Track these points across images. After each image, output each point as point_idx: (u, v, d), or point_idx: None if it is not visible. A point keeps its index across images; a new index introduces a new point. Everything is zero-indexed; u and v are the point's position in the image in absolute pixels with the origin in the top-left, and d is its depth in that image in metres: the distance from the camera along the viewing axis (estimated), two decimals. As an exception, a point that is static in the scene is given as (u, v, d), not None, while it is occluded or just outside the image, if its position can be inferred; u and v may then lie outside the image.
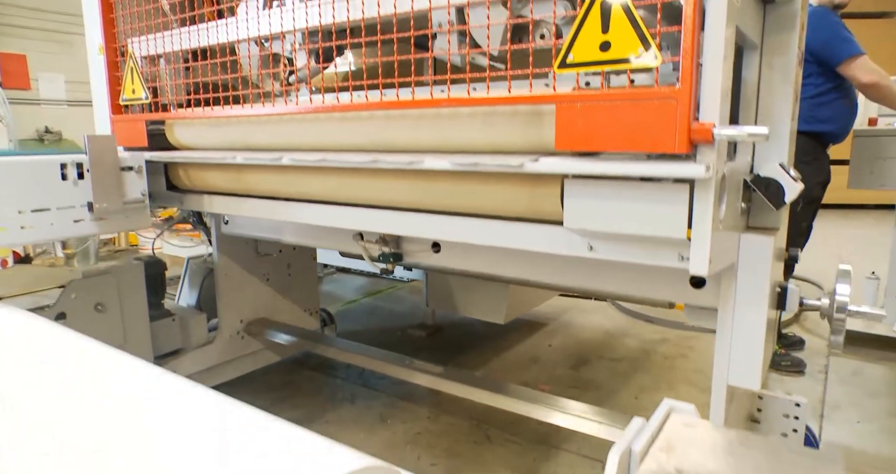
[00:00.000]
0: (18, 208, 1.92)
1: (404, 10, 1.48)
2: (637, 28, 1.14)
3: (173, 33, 2.09)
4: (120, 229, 2.24)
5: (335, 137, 1.75)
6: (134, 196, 2.16)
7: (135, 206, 2.17)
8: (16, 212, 1.91)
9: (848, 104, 2.95)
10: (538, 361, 3.34)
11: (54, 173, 1.99)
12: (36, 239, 1.99)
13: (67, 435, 0.71)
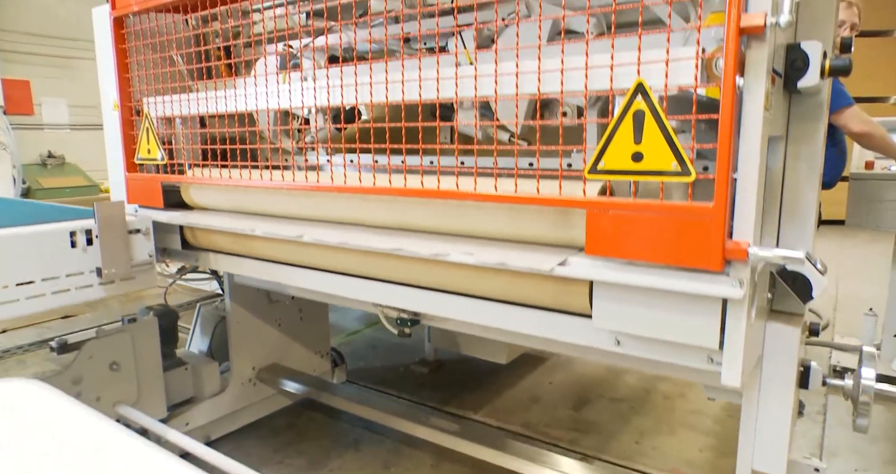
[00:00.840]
0: (28, 278, 1.89)
1: (429, 97, 1.48)
2: (671, 142, 1.14)
3: (190, 98, 2.08)
4: (127, 290, 2.22)
5: (355, 213, 1.75)
6: (141, 258, 2.14)
7: (143, 268, 2.16)
8: (25, 282, 1.88)
9: (838, 153, 3.02)
10: (539, 401, 3.33)
11: (64, 241, 1.96)
12: (44, 308, 1.95)
13: None
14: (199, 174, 2.14)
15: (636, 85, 1.16)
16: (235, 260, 2.15)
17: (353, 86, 1.61)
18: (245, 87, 1.89)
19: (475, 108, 1.54)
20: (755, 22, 1.03)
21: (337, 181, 1.69)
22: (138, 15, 2.21)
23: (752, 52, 1.07)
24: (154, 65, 2.17)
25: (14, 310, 1.88)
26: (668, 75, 1.14)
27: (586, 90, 1.25)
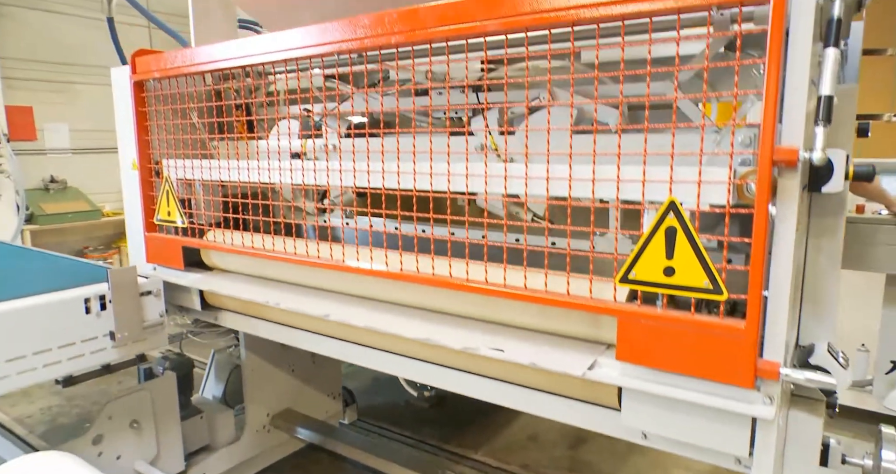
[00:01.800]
0: (46, 347, 1.91)
1: (459, 188, 1.50)
2: (703, 261, 1.16)
3: (210, 165, 2.09)
4: (139, 351, 2.23)
5: (380, 291, 1.76)
6: (152, 318, 2.16)
7: (154, 329, 2.17)
8: (43, 350, 1.90)
9: None
10: (537, 439, 3.35)
11: (79, 308, 1.98)
12: (60, 374, 1.97)
13: None
14: (219, 236, 2.14)
15: (668, 203, 1.18)
16: (255, 322, 2.15)
17: (379, 171, 1.63)
18: (264, 158, 1.91)
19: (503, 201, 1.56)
20: (788, 156, 1.05)
21: (362, 259, 1.70)
22: (158, 80, 2.21)
23: (784, 180, 1.09)
24: (174, 126, 2.18)
25: (32, 378, 1.90)
26: (699, 196, 1.16)
27: (617, 202, 1.27)
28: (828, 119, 1.05)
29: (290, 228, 1.86)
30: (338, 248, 1.77)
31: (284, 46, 1.77)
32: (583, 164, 1.30)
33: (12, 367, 1.85)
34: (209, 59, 1.99)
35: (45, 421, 4.00)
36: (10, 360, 1.85)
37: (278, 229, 1.92)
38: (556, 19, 1.26)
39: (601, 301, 1.30)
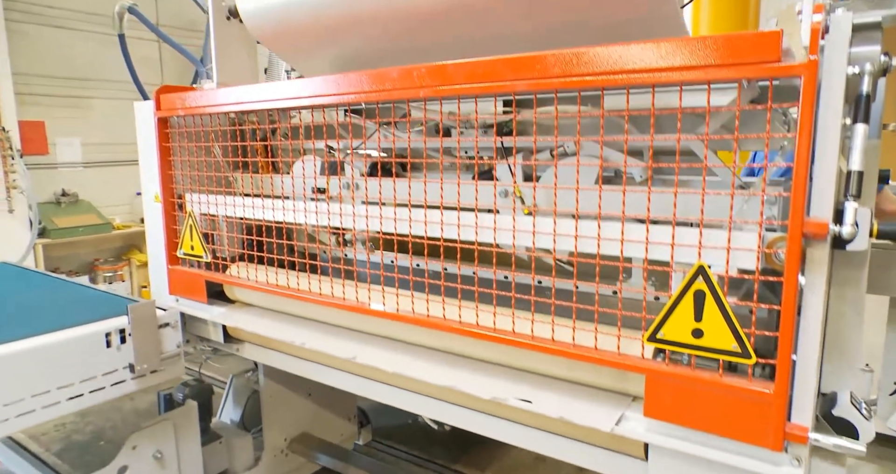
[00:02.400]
0: (69, 381, 1.95)
1: (487, 242, 1.52)
2: (731, 325, 1.18)
3: (234, 202, 2.11)
4: (157, 381, 2.26)
5: (405, 333, 1.78)
6: (170, 349, 2.20)
7: (171, 360, 2.21)
8: (66, 385, 1.94)
9: None
10: (544, 459, 3.36)
11: (100, 342, 2.02)
12: (82, 406, 2.01)
13: None
14: (242, 271, 2.16)
15: (697, 268, 1.21)
16: (278, 356, 2.17)
17: (403, 220, 1.65)
18: (286, 191, 1.93)
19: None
20: (819, 230, 1.07)
21: (388, 302, 1.72)
22: (182, 117, 2.24)
23: (813, 250, 1.11)
24: (196, 160, 2.20)
25: (56, 411, 1.94)
26: (728, 262, 1.18)
27: (646, 263, 1.29)
28: (857, 194, 1.07)
29: (311, 260, 1.89)
30: (363, 290, 1.79)
31: (309, 93, 1.79)
32: (611, 223, 1.32)
33: (37, 402, 1.89)
34: (233, 101, 2.01)
35: (60, 438, 4.02)
36: (35, 395, 1.89)
37: (300, 262, 1.94)
38: (585, 83, 1.29)
39: (629, 357, 1.32)
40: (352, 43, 2.16)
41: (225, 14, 2.44)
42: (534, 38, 1.79)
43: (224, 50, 2.45)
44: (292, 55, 2.40)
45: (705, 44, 1.13)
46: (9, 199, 5.39)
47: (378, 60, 2.18)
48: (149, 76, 6.57)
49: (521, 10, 1.70)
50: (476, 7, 1.76)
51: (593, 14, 1.61)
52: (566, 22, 1.68)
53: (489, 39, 1.87)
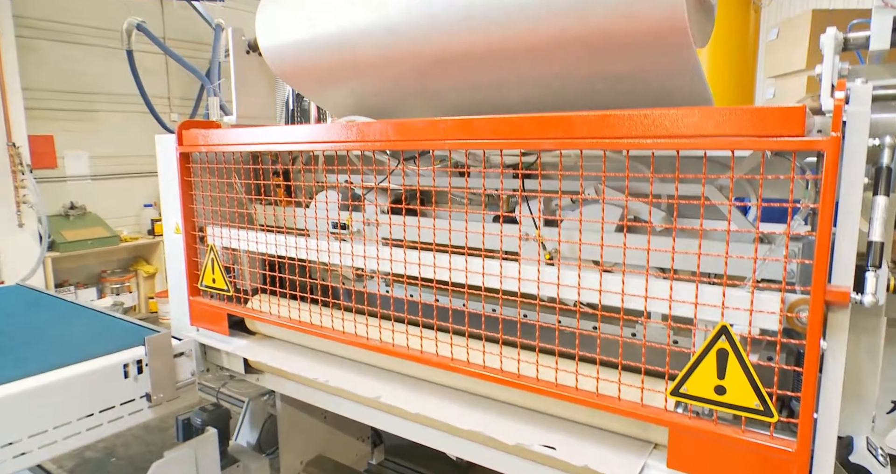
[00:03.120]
0: (88, 412, 1.99)
1: (511, 287, 1.56)
2: (754, 384, 1.22)
3: (257, 238, 2.15)
4: (172, 409, 2.30)
5: (428, 373, 1.82)
6: (185, 377, 2.25)
7: (186, 388, 2.26)
8: (86, 415, 1.98)
9: None
10: None
11: (118, 373, 2.07)
12: (102, 436, 2.04)
13: None
14: (263, 304, 2.20)
15: (719, 328, 1.24)
16: (299, 387, 2.20)
17: (427, 265, 1.68)
18: (305, 234, 1.97)
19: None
20: (840, 298, 1.11)
21: (411, 342, 1.76)
22: (204, 153, 2.27)
23: (835, 316, 1.15)
24: (220, 196, 2.23)
25: (77, 441, 1.97)
26: (751, 323, 1.22)
27: (670, 320, 1.33)
28: (878, 264, 1.11)
29: (330, 292, 1.93)
30: (387, 330, 1.82)
31: (333, 138, 1.83)
32: (635, 278, 1.36)
33: (59, 433, 1.93)
34: (255, 141, 2.04)
35: (73, 454, 4.05)
36: (57, 427, 1.93)
37: (318, 293, 1.98)
38: (611, 145, 1.32)
39: (653, 409, 1.36)
40: (369, 82, 2.19)
41: (245, 48, 2.48)
42: (551, 83, 1.83)
43: (244, 83, 2.49)
44: (310, 90, 2.44)
45: (731, 115, 1.17)
46: (19, 214, 5.42)
47: (394, 97, 2.21)
48: (156, 88, 6.61)
49: (541, 57, 1.73)
50: (491, 54, 1.79)
51: (614, 63, 1.64)
52: (586, 70, 1.72)
53: (504, 83, 1.91)
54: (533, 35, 1.66)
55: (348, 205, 2.15)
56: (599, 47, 1.58)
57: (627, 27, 1.50)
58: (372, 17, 1.95)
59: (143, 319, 6.71)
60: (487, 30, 1.72)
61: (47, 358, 2.03)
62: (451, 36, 1.81)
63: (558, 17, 1.57)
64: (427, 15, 1.78)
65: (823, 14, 5.36)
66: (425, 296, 1.74)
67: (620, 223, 1.50)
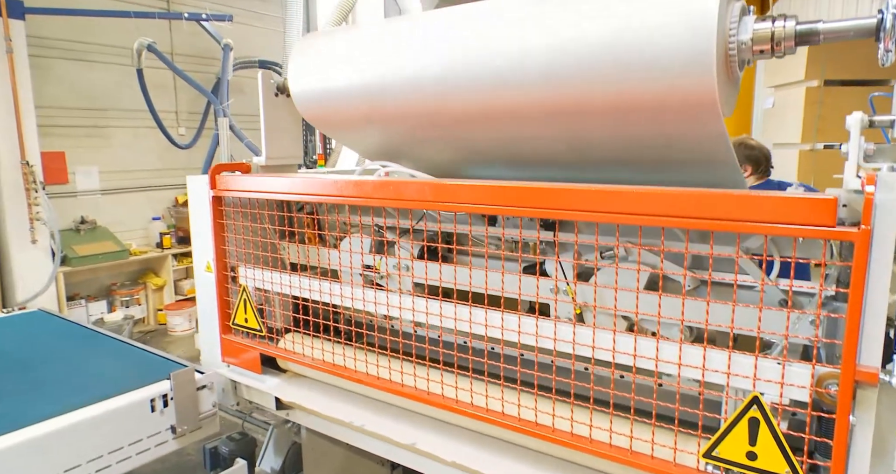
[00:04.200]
0: (118, 445, 2.07)
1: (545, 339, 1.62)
2: (785, 453, 1.29)
3: (291, 284, 2.20)
4: (195, 439, 2.39)
5: (463, 419, 1.87)
6: (206, 409, 2.35)
7: (208, 418, 2.35)
8: (116, 449, 2.06)
9: None
10: None
11: (145, 408, 2.16)
12: (130, 467, 2.12)
13: None
14: (296, 344, 2.25)
15: (751, 398, 1.31)
16: (331, 425, 2.25)
17: (451, 318, 1.74)
18: (334, 277, 2.02)
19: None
20: (869, 378, 1.18)
21: (447, 391, 1.82)
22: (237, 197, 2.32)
23: (863, 392, 1.22)
24: (253, 239, 2.29)
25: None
26: (781, 395, 1.29)
27: (702, 387, 1.39)
28: (904, 346, 1.17)
29: (365, 334, 1.99)
30: (422, 378, 1.88)
31: (367, 194, 1.88)
32: (669, 344, 1.42)
33: (92, 467, 2.01)
34: (288, 191, 2.10)
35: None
36: (91, 460, 2.01)
37: (348, 333, 2.05)
38: (648, 222, 1.38)
39: (686, 469, 1.42)
40: (397, 130, 2.25)
41: (273, 91, 2.53)
42: (576, 142, 1.88)
43: (273, 125, 2.54)
44: (336, 134, 2.49)
45: (766, 203, 1.23)
46: (32, 230, 5.45)
47: (422, 146, 2.27)
48: (163, 103, 6.64)
49: (569, 119, 1.79)
50: (518, 114, 1.85)
51: (640, 127, 1.70)
52: (612, 131, 1.77)
53: (529, 139, 1.96)
54: (563, 99, 1.71)
55: (378, 248, 2.20)
56: (627, 112, 1.64)
57: (658, 97, 1.56)
58: (403, 73, 2.00)
59: (152, 331, 6.75)
60: (517, 91, 1.77)
61: (80, 394, 2.11)
62: (479, 95, 1.86)
63: (589, 84, 1.63)
64: (464, 76, 1.83)
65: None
66: (455, 338, 1.80)
67: (652, 287, 1.56)
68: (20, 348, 2.79)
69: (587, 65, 1.60)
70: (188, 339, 6.39)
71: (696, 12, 1.44)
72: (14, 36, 5.02)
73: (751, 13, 1.52)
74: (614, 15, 1.55)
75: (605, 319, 1.62)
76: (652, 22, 1.49)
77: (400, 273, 2.05)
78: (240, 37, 6.69)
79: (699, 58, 1.45)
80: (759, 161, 3.61)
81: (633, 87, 1.57)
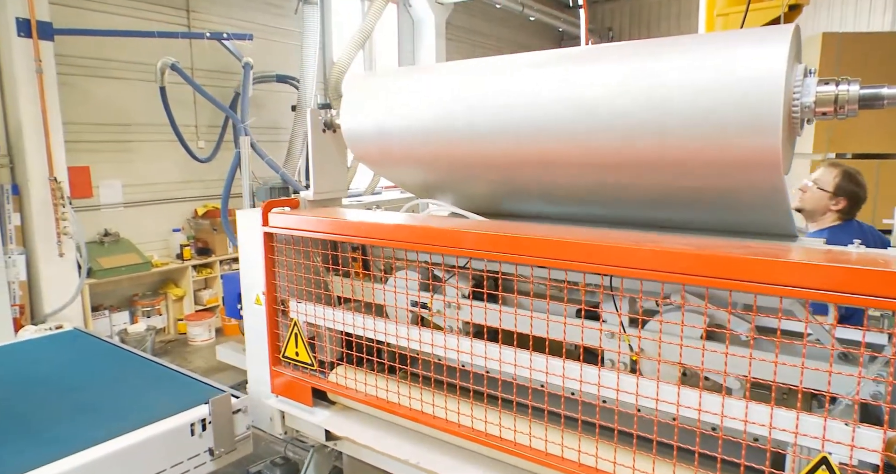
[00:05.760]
0: (162, 468, 2.13)
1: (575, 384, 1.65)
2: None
3: (345, 321, 2.22)
4: (231, 460, 2.42)
5: (515, 458, 1.90)
6: (241, 431, 2.39)
7: (243, 441, 2.40)
8: (160, 471, 2.12)
9: None
10: None
11: (186, 432, 2.22)
12: None
13: None
14: (349, 381, 2.27)
15: (819, 458, 1.34)
16: (381, 458, 2.27)
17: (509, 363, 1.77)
18: (383, 301, 2.05)
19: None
20: (940, 446, 1.21)
21: (504, 433, 1.84)
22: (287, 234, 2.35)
23: (931, 458, 1.25)
24: (302, 272, 2.31)
25: None
26: (851, 457, 1.32)
27: (769, 445, 1.43)
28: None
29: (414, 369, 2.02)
30: (480, 420, 1.90)
31: (422, 240, 1.90)
32: (736, 401, 1.45)
33: None
34: (340, 232, 2.13)
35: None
36: None
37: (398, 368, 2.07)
38: (712, 283, 1.41)
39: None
40: (444, 170, 2.28)
41: (321, 127, 2.55)
42: (630, 190, 1.91)
43: (321, 160, 2.56)
44: (382, 170, 2.52)
45: (837, 274, 1.26)
46: (59, 244, 5.46)
47: (463, 183, 2.30)
48: (183, 117, 6.66)
49: (627, 168, 1.81)
50: (576, 160, 1.87)
51: (699, 179, 1.72)
52: (669, 182, 1.80)
53: (581, 183, 1.99)
54: (625, 150, 1.74)
55: (428, 285, 2.22)
56: (690, 166, 1.67)
57: (722, 153, 1.58)
58: (459, 120, 2.03)
59: (173, 341, 6.77)
60: (581, 141, 1.79)
61: (125, 418, 2.18)
62: (538, 143, 1.90)
63: (656, 138, 1.65)
64: (528, 125, 1.86)
65: (833, 37, 5.45)
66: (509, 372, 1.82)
67: (710, 336, 1.59)
68: (61, 370, 2.82)
69: (652, 119, 1.63)
70: (208, 349, 6.42)
71: (765, 74, 1.47)
72: (43, 56, 5.04)
73: (812, 74, 1.55)
74: (685, 73, 1.57)
75: (658, 367, 1.64)
76: (721, 82, 1.52)
77: (445, 311, 2.07)
78: (257, 51, 6.72)
79: (766, 119, 1.48)
80: (857, 201, 3.16)
81: (700, 143, 1.60)
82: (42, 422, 2.24)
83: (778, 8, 4.63)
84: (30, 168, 5.19)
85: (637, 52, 1.68)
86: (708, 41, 1.60)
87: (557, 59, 1.86)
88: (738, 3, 4.62)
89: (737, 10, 4.68)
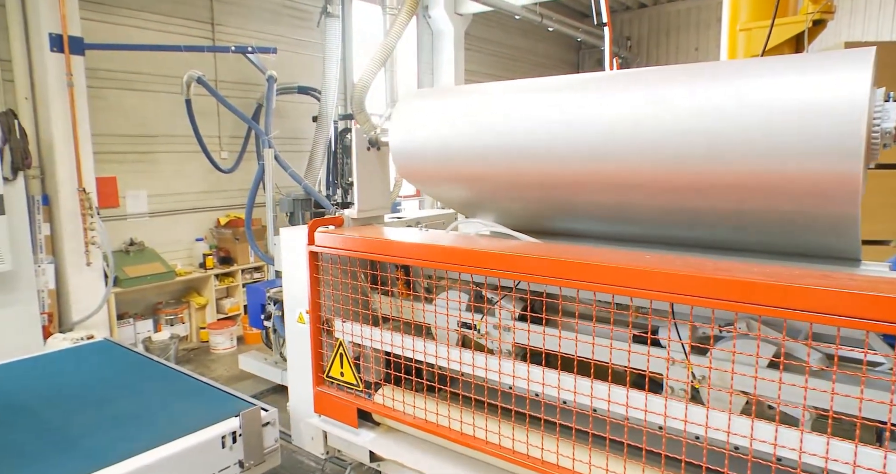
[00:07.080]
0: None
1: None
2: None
3: (393, 343, 2.18)
4: (259, 473, 2.41)
5: None
6: (269, 444, 2.40)
7: (271, 453, 2.40)
8: None
9: None
10: None
11: (217, 444, 2.24)
12: None
13: None
14: (397, 402, 2.22)
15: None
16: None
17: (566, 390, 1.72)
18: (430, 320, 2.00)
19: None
20: None
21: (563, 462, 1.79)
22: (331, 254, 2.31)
23: None
24: (348, 292, 2.27)
25: None
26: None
27: None
28: None
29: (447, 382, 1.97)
30: (535, 447, 1.85)
31: (468, 263, 1.86)
32: (816, 437, 1.40)
33: None
34: (388, 253, 2.09)
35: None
36: None
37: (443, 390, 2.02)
38: (765, 312, 1.36)
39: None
40: (493, 189, 2.24)
41: (366, 145, 2.52)
42: (695, 213, 1.86)
43: (365, 178, 2.53)
44: (427, 187, 2.48)
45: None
46: (87, 253, 5.45)
47: (509, 201, 2.26)
48: (207, 128, 6.65)
49: (695, 192, 1.76)
50: (643, 183, 1.82)
51: (771, 203, 1.67)
52: (737, 207, 1.75)
53: (643, 205, 1.94)
54: (697, 174, 1.69)
55: (476, 306, 2.17)
56: (763, 190, 1.62)
57: (801, 178, 1.54)
58: (512, 141, 1.99)
59: (195, 349, 6.74)
60: (652, 165, 1.74)
61: (159, 431, 2.21)
62: (601, 164, 1.85)
63: (737, 162, 1.60)
64: (597, 146, 1.82)
65: (856, 46, 5.37)
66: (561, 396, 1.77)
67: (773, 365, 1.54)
68: (94, 382, 2.81)
69: (726, 142, 1.59)
70: (230, 357, 6.39)
71: (848, 100, 1.42)
72: (74, 70, 5.04)
73: (892, 99, 1.51)
74: (766, 97, 1.53)
75: (719, 395, 1.59)
76: (804, 107, 1.47)
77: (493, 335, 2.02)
78: (279, 62, 6.71)
79: (848, 145, 1.43)
80: None
81: (778, 166, 1.55)
82: (77, 435, 2.25)
83: (802, 23, 4.57)
84: (60, 179, 5.18)
85: (715, 75, 1.64)
86: (788, 65, 1.56)
87: (627, 79, 1.82)
88: (761, 18, 4.56)
89: (760, 26, 4.61)
